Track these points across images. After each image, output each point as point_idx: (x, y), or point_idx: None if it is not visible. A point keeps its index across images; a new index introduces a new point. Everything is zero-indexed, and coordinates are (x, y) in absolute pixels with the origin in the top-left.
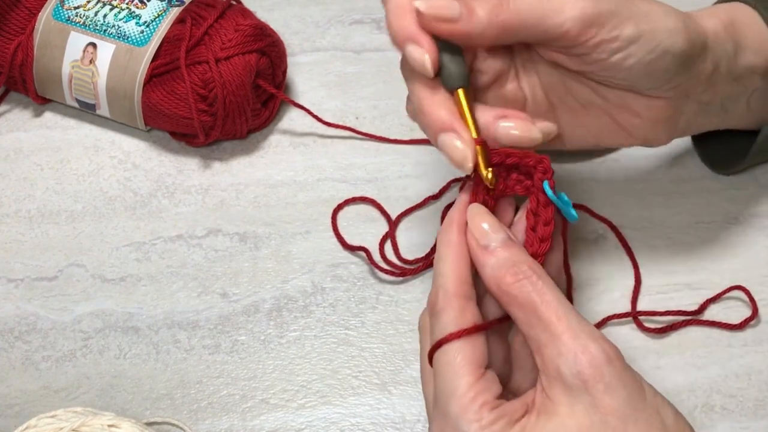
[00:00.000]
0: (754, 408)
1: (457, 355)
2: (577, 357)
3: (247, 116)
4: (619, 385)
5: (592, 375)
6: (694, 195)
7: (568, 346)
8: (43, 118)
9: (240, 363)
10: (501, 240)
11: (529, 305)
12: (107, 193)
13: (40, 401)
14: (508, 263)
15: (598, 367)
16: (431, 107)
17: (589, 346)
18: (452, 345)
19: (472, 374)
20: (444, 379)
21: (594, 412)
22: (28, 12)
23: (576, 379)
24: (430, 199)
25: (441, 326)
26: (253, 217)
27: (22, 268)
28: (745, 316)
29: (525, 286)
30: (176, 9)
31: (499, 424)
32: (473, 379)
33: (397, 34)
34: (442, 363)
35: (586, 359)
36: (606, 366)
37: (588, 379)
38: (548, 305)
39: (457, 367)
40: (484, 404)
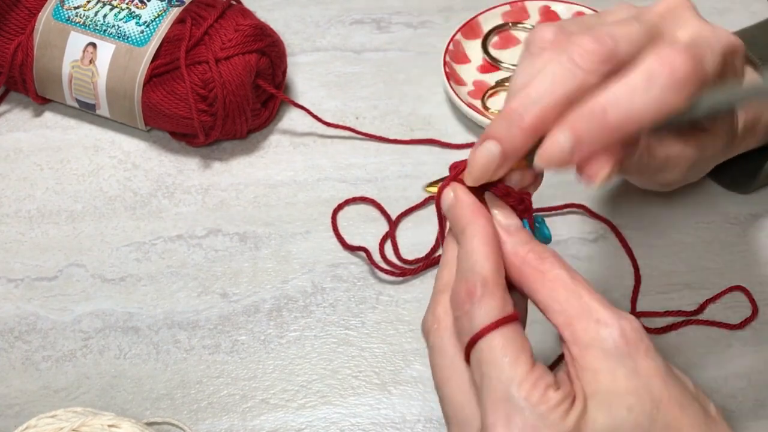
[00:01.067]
0: (754, 408)
1: (510, 342)
2: (620, 322)
3: (247, 116)
4: (654, 352)
5: (636, 339)
6: (694, 195)
7: (606, 314)
8: (43, 118)
9: (240, 363)
10: (516, 225)
11: (557, 281)
12: (107, 193)
13: (40, 401)
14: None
15: (639, 332)
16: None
17: (625, 315)
18: (501, 332)
19: (528, 361)
20: (498, 367)
21: (636, 376)
22: (28, 12)
23: (619, 343)
24: (430, 199)
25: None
26: (253, 217)
27: (22, 268)
28: (745, 316)
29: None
30: (176, 9)
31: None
32: (530, 365)
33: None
34: (495, 350)
35: (628, 324)
36: (643, 333)
37: (632, 342)
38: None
39: (514, 354)
40: (548, 386)
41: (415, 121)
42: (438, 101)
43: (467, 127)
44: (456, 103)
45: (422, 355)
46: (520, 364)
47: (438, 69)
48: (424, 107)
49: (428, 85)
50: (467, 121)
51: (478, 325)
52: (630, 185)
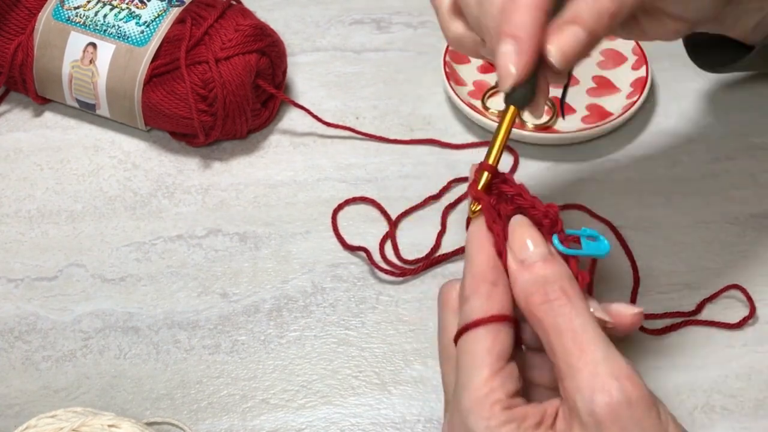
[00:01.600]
0: (754, 408)
1: (476, 345)
2: (593, 395)
3: (247, 116)
4: (636, 428)
5: (607, 417)
6: (694, 195)
7: (586, 383)
8: (43, 118)
9: (240, 363)
10: (540, 255)
11: (553, 330)
12: (107, 193)
13: (40, 401)
14: (539, 281)
15: (613, 410)
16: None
17: (608, 386)
18: (474, 333)
19: (489, 366)
20: (462, 368)
21: None
22: (28, 12)
23: (590, 418)
24: (430, 199)
25: (467, 311)
26: (253, 217)
27: (22, 268)
28: (743, 315)
29: (552, 309)
30: (176, 9)
31: (508, 427)
32: (490, 372)
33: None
34: (463, 351)
35: (602, 400)
36: (624, 409)
37: (602, 421)
38: (573, 334)
39: (476, 358)
40: (496, 403)
41: (415, 121)
42: (438, 101)
43: (467, 127)
44: (456, 103)
45: (422, 355)
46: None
47: (438, 69)
48: (424, 107)
49: (428, 85)
50: (467, 121)
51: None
52: (630, 185)
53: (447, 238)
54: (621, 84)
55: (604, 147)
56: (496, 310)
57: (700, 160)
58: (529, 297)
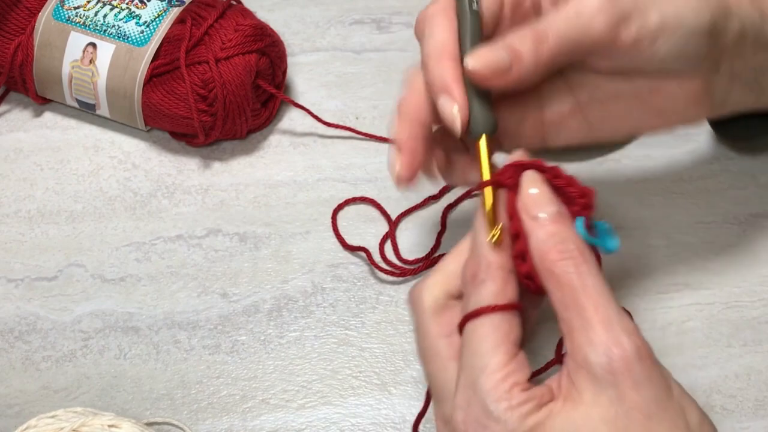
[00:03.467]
0: (754, 408)
1: (495, 330)
2: (608, 349)
3: (247, 116)
4: (647, 382)
5: (622, 369)
6: (694, 195)
7: (600, 337)
8: (43, 118)
9: (240, 363)
10: (553, 213)
11: (568, 286)
12: (107, 193)
13: (40, 401)
14: (556, 238)
15: (628, 362)
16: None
17: (621, 340)
18: (490, 318)
19: (507, 353)
20: (476, 353)
21: (619, 405)
22: (28, 12)
23: (604, 370)
24: (430, 199)
25: (480, 297)
26: (253, 217)
27: (22, 268)
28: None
29: (568, 266)
30: (176, 9)
31: (528, 406)
32: (508, 357)
33: (434, 83)
34: (478, 335)
35: (617, 352)
36: (636, 362)
37: (617, 373)
38: (588, 290)
39: (494, 342)
40: (516, 384)
41: None
42: None
43: None
44: None
45: None
46: (497, 354)
47: None
48: None
49: None
50: None
51: (473, 306)
52: (630, 185)
53: (447, 238)
54: None
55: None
56: (510, 298)
57: (700, 160)
58: (546, 253)
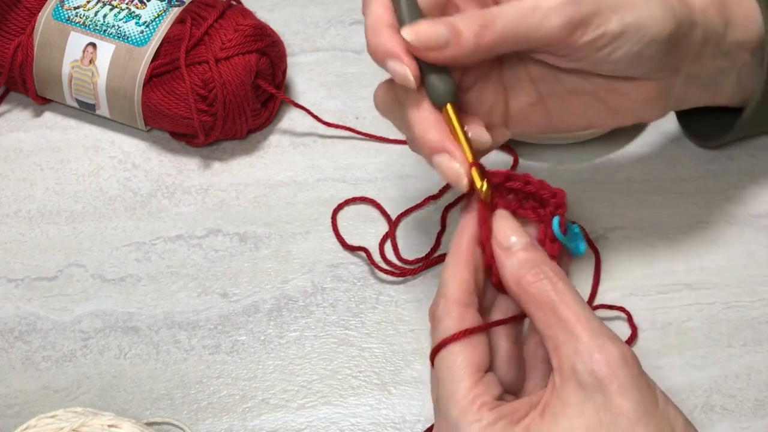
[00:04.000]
0: (754, 408)
1: (456, 359)
2: (593, 355)
3: (247, 116)
4: (633, 387)
5: (608, 374)
6: (694, 195)
7: (585, 345)
8: (43, 118)
9: (240, 363)
10: (524, 243)
11: (548, 304)
12: (107, 193)
13: (40, 401)
14: (529, 263)
15: (613, 367)
16: (422, 130)
17: (606, 346)
18: (451, 348)
19: (471, 377)
20: (444, 383)
21: (605, 412)
22: (28, 12)
23: (591, 377)
24: (430, 199)
25: (441, 331)
26: (253, 217)
27: (22, 268)
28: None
29: (545, 285)
30: (176, 9)
31: (501, 424)
32: (472, 381)
33: (377, 50)
34: (442, 367)
35: (602, 358)
36: (622, 367)
37: (603, 378)
38: (567, 305)
39: (456, 370)
40: (483, 405)
41: None
42: None
43: None
44: None
45: (422, 355)
46: (462, 380)
47: None
48: None
49: None
50: None
51: (437, 340)
52: (630, 185)
53: (447, 238)
54: None
55: (604, 147)
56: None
57: (700, 160)
58: (522, 278)
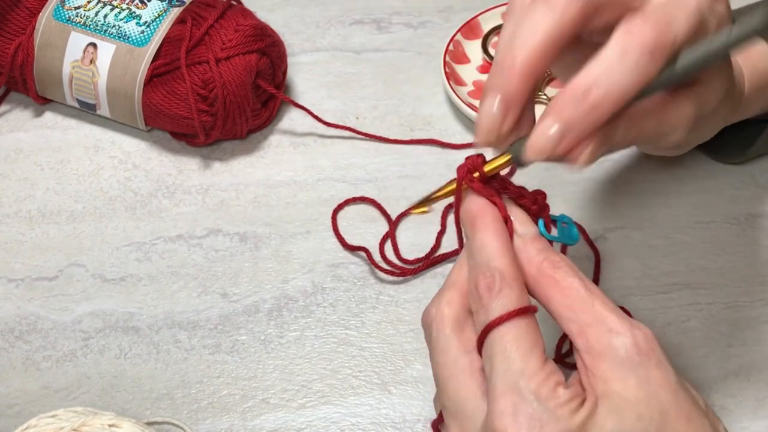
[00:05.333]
0: (754, 408)
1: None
2: (632, 331)
3: (247, 116)
4: (666, 361)
5: (647, 349)
6: (694, 195)
7: (620, 324)
8: (44, 118)
9: (240, 363)
10: (533, 232)
11: (571, 289)
12: (107, 193)
13: (41, 401)
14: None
15: (652, 342)
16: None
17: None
18: (516, 324)
19: (540, 356)
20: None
21: (647, 386)
22: (28, 12)
23: (631, 352)
24: None
25: (501, 305)
26: (253, 217)
27: (22, 268)
28: (744, 315)
29: (563, 272)
30: (176, 9)
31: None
32: (543, 360)
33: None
34: (507, 341)
35: (641, 334)
36: (656, 342)
37: (643, 352)
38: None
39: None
40: (558, 384)
41: (415, 121)
42: (438, 101)
43: (467, 127)
44: (456, 103)
45: (422, 355)
46: (532, 357)
47: (438, 69)
48: (424, 107)
49: (428, 85)
50: (467, 121)
51: (494, 315)
52: (630, 185)
53: (447, 238)
54: None
55: None
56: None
57: (700, 160)
58: (541, 264)
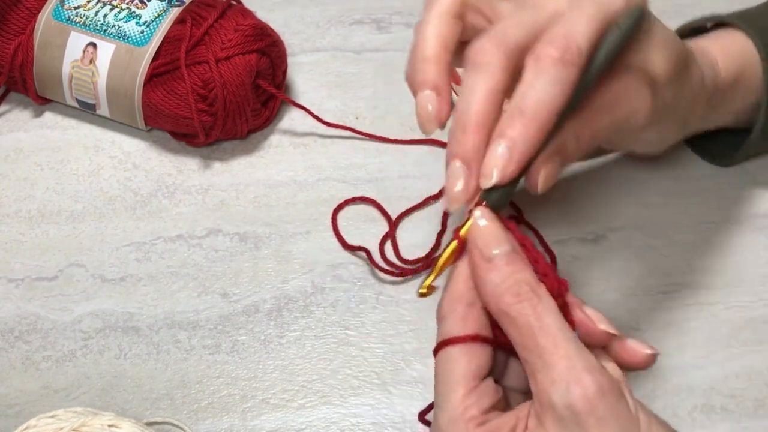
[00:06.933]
0: (754, 408)
1: (453, 365)
2: (569, 387)
3: (247, 116)
4: (612, 419)
5: (584, 408)
6: (694, 195)
7: (561, 376)
8: (43, 118)
9: (240, 363)
10: (505, 253)
11: (526, 328)
12: (107, 193)
13: (41, 401)
14: (509, 281)
15: (590, 400)
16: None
17: (582, 378)
18: (450, 352)
19: (465, 386)
20: (438, 387)
21: None
22: (28, 12)
23: (567, 410)
24: (430, 199)
25: (443, 330)
26: (254, 217)
27: (22, 268)
28: (744, 315)
29: (525, 308)
30: (176, 9)
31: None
32: (465, 391)
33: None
34: (439, 369)
35: (578, 391)
36: (599, 399)
37: (580, 412)
38: (546, 331)
39: (451, 377)
40: (471, 419)
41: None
42: None
43: None
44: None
45: (422, 355)
46: (456, 389)
47: None
48: None
49: None
50: None
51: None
52: (630, 185)
53: (447, 238)
54: None
55: None
56: (471, 330)
57: (700, 160)
58: (501, 297)
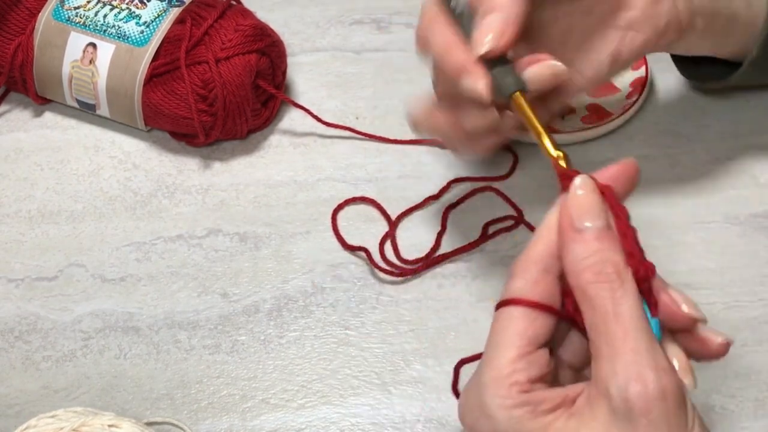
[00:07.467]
0: (754, 408)
1: (510, 323)
2: (629, 383)
3: (247, 116)
4: (664, 425)
5: (640, 407)
6: (693, 195)
7: (625, 368)
8: (43, 118)
9: (240, 363)
10: (597, 228)
11: (600, 310)
12: (107, 193)
13: (40, 401)
14: (594, 258)
15: (648, 401)
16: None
17: (646, 375)
18: (511, 311)
19: (518, 349)
20: (491, 343)
21: None
22: (28, 12)
23: (623, 404)
24: (430, 199)
25: (511, 287)
26: (253, 217)
27: (22, 268)
28: (744, 315)
29: (603, 289)
30: (176, 9)
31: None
32: (517, 354)
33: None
34: (497, 325)
35: (638, 388)
36: (657, 402)
37: (634, 409)
38: (620, 318)
39: (506, 336)
40: (515, 384)
41: None
42: None
43: None
44: None
45: (422, 355)
46: (508, 349)
47: None
48: None
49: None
50: None
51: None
52: None
53: (447, 238)
54: (621, 84)
55: (604, 147)
56: (540, 297)
57: (700, 160)
58: (582, 272)
